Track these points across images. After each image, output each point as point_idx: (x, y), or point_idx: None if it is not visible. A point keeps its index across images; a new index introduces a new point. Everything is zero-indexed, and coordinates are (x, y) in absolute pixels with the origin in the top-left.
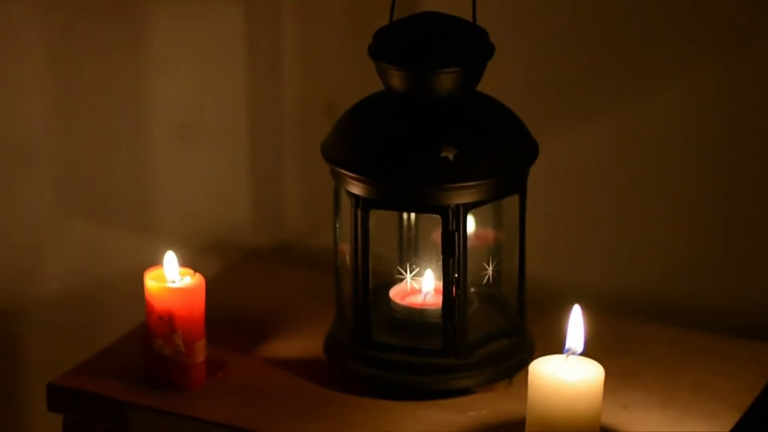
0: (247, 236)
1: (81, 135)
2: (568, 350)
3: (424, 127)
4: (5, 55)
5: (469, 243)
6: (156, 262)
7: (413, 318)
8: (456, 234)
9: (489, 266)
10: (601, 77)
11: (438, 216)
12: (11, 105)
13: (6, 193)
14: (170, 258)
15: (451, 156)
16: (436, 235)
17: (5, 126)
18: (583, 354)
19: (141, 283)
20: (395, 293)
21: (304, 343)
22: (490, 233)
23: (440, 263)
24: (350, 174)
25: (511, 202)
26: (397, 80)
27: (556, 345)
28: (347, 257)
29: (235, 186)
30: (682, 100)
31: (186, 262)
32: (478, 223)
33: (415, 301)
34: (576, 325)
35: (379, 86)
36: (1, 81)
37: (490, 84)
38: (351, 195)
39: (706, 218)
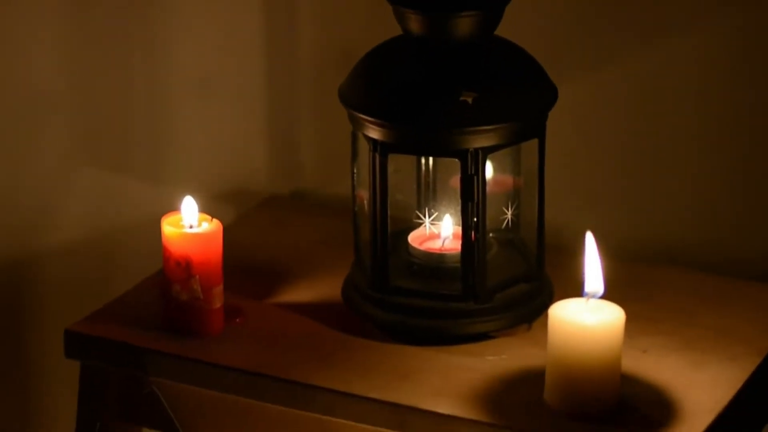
0: (263, 184)
1: (98, 85)
2: (587, 293)
3: (442, 71)
4: (22, 4)
5: (487, 189)
6: (172, 210)
7: (432, 263)
8: (475, 178)
9: (508, 211)
10: (621, 21)
11: (457, 160)
12: (28, 54)
13: (23, 143)
14: (189, 203)
15: (469, 100)
16: (455, 180)
17: (22, 76)
18: (603, 297)
19: (157, 232)
20: (413, 238)
21: (321, 289)
22: (508, 179)
23: (459, 208)
24: (368, 118)
25: (530, 148)
26: (415, 24)
27: (575, 290)
28: (365, 203)
29: (251, 133)
30: (702, 45)
31: (202, 210)
32: (496, 169)
33: (434, 246)
34: (593, 265)
35: (396, 33)
36: (18, 31)
37: (509, 28)
38: (369, 139)
39: (727, 164)
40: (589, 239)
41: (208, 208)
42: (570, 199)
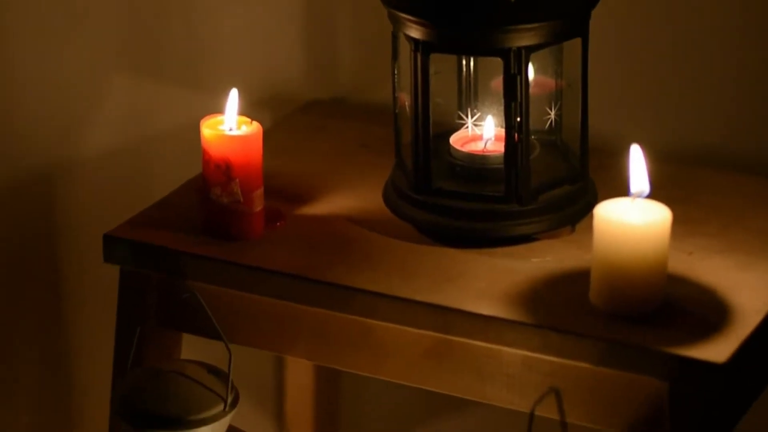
0: (303, 90)
1: None
2: (633, 193)
3: None
4: None
5: (530, 91)
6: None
7: (474, 164)
8: (518, 78)
9: (551, 110)
10: None
11: (499, 59)
12: None
13: (59, 49)
14: (233, 97)
15: None
16: (497, 83)
17: None
18: (648, 197)
19: (193, 139)
20: (455, 140)
21: (362, 192)
22: (550, 81)
23: (501, 110)
24: (410, 17)
25: (572, 51)
26: None
27: (619, 193)
28: (406, 105)
29: (290, 37)
30: None
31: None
32: (538, 71)
33: (476, 148)
34: (638, 165)
35: None
36: None
37: None
38: (410, 39)
39: None
40: (635, 149)
41: (246, 114)
42: (612, 102)
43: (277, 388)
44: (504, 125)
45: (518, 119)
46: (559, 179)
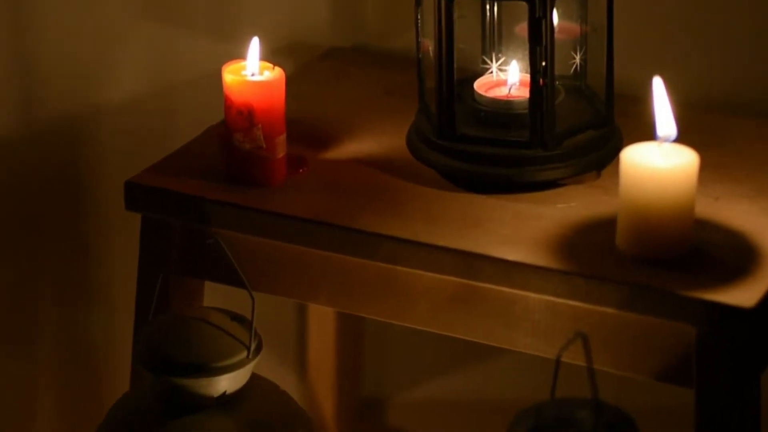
0: (324, 37)
1: None
2: (660, 137)
3: None
4: None
5: (555, 36)
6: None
7: (499, 109)
8: (543, 21)
9: (576, 55)
10: None
11: (524, 3)
12: None
13: None
14: (254, 45)
15: None
16: (521, 27)
17: None
18: (675, 141)
19: (215, 87)
20: (479, 86)
21: (385, 139)
22: (575, 26)
23: (525, 55)
24: None
25: None
26: None
27: (644, 138)
28: (430, 51)
29: None
30: None
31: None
32: (562, 16)
33: (501, 93)
34: (662, 101)
35: None
36: None
37: None
38: None
39: None
40: (658, 83)
41: (268, 62)
42: (638, 47)
43: (299, 337)
44: (529, 70)
45: (543, 64)
46: (584, 124)
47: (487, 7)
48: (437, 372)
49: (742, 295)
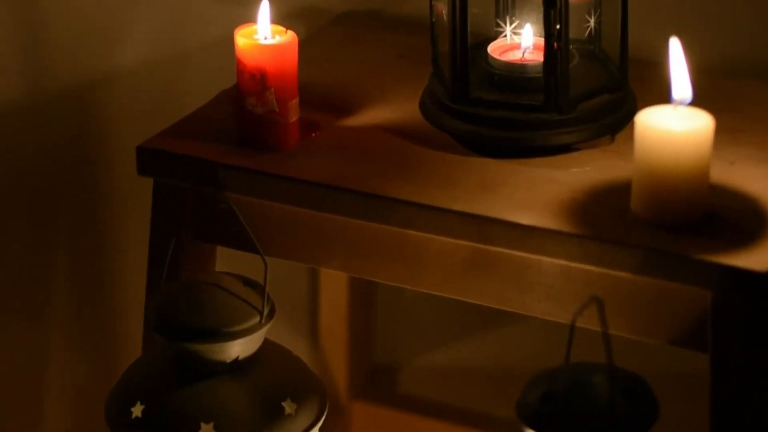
0: (337, 1)
1: None
2: (675, 100)
3: None
4: None
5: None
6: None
7: (513, 73)
8: None
9: (590, 18)
10: None
11: None
12: None
13: None
14: (264, 9)
15: None
16: None
17: None
18: (691, 105)
19: (227, 53)
20: (493, 49)
21: (399, 103)
22: None
23: (539, 18)
24: None
25: None
26: None
27: (659, 103)
28: (443, 14)
29: None
30: None
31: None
32: None
33: (515, 57)
34: (679, 63)
35: None
36: None
37: None
38: None
39: None
40: (675, 44)
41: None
42: (652, 11)
43: (311, 302)
44: (543, 33)
45: (557, 27)
46: (598, 88)
47: None
48: (449, 338)
49: (757, 259)
